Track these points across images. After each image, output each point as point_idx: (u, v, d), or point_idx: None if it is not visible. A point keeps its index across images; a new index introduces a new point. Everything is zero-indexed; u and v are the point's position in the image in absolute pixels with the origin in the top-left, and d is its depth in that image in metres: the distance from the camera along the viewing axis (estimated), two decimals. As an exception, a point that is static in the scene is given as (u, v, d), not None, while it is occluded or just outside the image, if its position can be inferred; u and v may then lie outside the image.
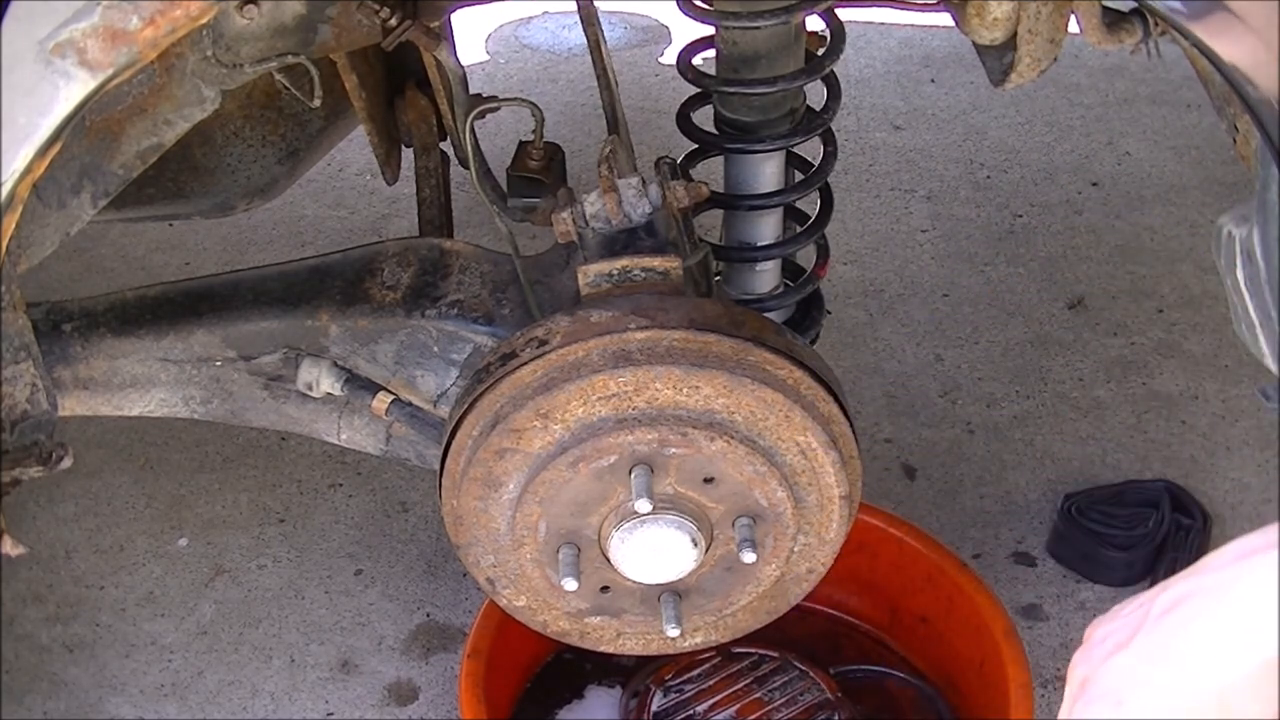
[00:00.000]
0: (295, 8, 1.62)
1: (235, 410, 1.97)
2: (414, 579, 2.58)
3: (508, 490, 1.66)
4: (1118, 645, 1.02)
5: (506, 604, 1.79)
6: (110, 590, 2.58)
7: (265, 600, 2.56)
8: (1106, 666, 1.01)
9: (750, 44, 1.86)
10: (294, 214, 3.37)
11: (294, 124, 2.13)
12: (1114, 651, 1.01)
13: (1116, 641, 1.02)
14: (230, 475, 2.78)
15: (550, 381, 1.62)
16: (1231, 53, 1.41)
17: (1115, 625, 1.03)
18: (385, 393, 1.89)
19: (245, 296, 1.92)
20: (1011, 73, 1.74)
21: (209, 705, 2.40)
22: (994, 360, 2.96)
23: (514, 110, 2.29)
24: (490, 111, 1.87)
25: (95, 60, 1.37)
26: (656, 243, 1.74)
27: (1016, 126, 3.60)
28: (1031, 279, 3.15)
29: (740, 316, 1.68)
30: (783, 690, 2.25)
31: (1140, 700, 0.98)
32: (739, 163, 1.97)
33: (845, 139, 2.72)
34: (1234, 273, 1.54)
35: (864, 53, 3.89)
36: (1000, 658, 2.14)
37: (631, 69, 3.82)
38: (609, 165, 1.80)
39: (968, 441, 2.78)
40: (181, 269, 3.20)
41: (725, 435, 1.60)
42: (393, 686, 2.42)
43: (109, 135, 1.55)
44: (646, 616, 1.77)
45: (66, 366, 1.91)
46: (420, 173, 2.29)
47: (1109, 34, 1.66)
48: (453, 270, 1.91)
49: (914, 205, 3.38)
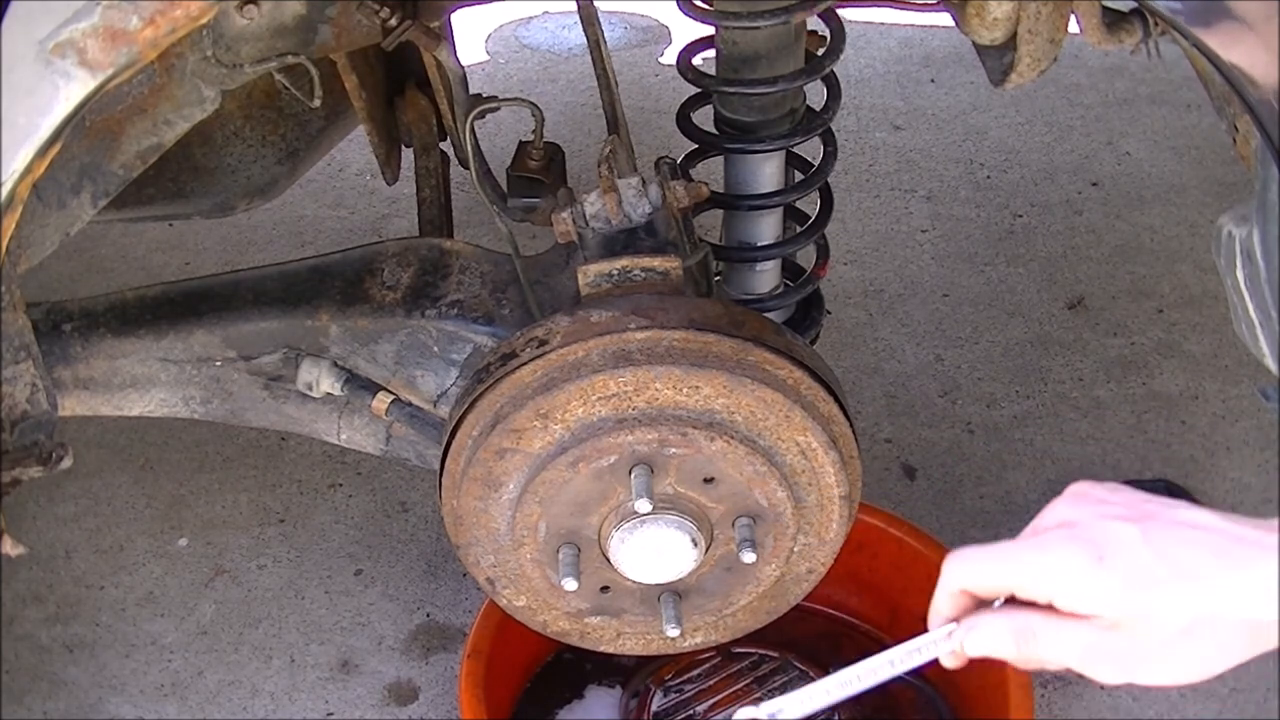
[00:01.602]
0: (295, 8, 1.62)
1: (235, 410, 1.97)
2: (414, 579, 2.58)
3: (508, 490, 1.66)
4: (1120, 516, 1.02)
5: (506, 604, 1.79)
6: (110, 590, 2.58)
7: (265, 600, 2.56)
8: (1103, 525, 1.02)
9: (750, 44, 1.85)
10: (294, 214, 3.37)
11: (294, 124, 2.13)
12: (1116, 519, 1.02)
13: (1118, 514, 1.03)
14: (230, 475, 2.78)
15: (550, 381, 1.62)
16: (1231, 52, 1.41)
17: (1115, 499, 1.04)
18: (385, 393, 1.89)
19: (245, 296, 1.92)
20: (1011, 73, 1.74)
21: (209, 705, 2.40)
22: (994, 360, 2.96)
23: (514, 110, 2.29)
24: (490, 111, 1.87)
25: (95, 60, 1.37)
26: (656, 243, 1.74)
27: (1016, 126, 3.60)
28: (1031, 279, 3.15)
29: (740, 316, 1.68)
30: (783, 690, 2.25)
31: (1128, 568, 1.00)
32: (739, 163, 1.97)
33: (845, 139, 2.72)
34: (1234, 273, 1.54)
35: (864, 53, 3.89)
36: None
37: (631, 69, 3.81)
38: (609, 165, 1.80)
39: (968, 441, 2.78)
40: (181, 269, 3.20)
41: (725, 435, 1.60)
42: (393, 686, 2.42)
43: (109, 135, 1.55)
44: (646, 616, 1.77)
45: (66, 366, 1.91)
46: (420, 173, 2.29)
47: (1109, 34, 1.67)
48: (453, 270, 1.91)
49: (914, 205, 3.38)
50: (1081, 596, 1.01)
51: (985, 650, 1.07)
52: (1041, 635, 1.04)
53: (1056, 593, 1.02)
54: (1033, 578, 1.03)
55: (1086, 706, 2.35)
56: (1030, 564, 1.04)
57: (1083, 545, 1.02)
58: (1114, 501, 1.05)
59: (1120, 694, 2.36)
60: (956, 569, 1.08)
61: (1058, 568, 1.02)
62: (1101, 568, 1.00)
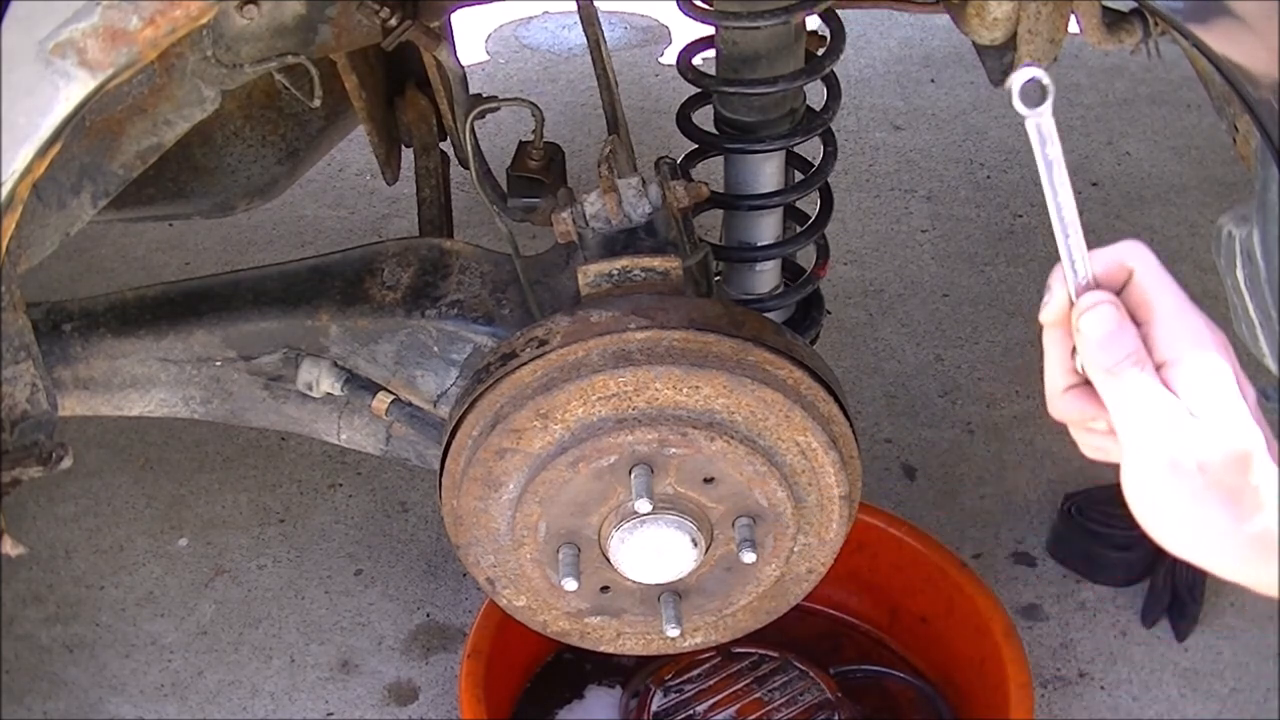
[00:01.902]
0: (295, 8, 1.62)
1: (235, 410, 1.97)
2: (414, 579, 2.58)
3: (508, 490, 1.66)
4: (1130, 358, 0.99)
5: (506, 604, 1.79)
6: (110, 590, 2.58)
7: (265, 600, 2.56)
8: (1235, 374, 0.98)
9: (750, 44, 1.85)
10: (294, 214, 3.37)
11: (294, 124, 2.13)
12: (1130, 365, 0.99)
13: (1128, 353, 0.99)
14: (230, 475, 2.78)
15: (550, 381, 1.62)
16: (1231, 52, 1.41)
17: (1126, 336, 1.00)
18: (385, 393, 1.89)
19: (245, 296, 1.92)
20: (1011, 73, 1.73)
21: (209, 705, 2.40)
22: (994, 360, 2.96)
23: (514, 110, 2.30)
24: (490, 111, 1.87)
25: (95, 60, 1.37)
26: (656, 243, 1.74)
27: (1016, 126, 3.55)
28: (1031, 279, 3.15)
29: (740, 316, 1.68)
30: (783, 690, 2.25)
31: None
32: (739, 163, 1.97)
33: (845, 139, 2.72)
34: (1234, 273, 1.54)
35: (864, 53, 3.89)
36: (1000, 658, 2.14)
37: (631, 69, 3.81)
38: (609, 165, 1.79)
39: (968, 441, 2.78)
40: (181, 269, 3.20)
41: (725, 435, 1.60)
42: (393, 686, 2.42)
43: (109, 135, 1.55)
44: (646, 616, 1.77)
45: (66, 366, 1.91)
46: (420, 173, 2.29)
47: (1109, 34, 1.67)
48: (453, 270, 1.91)
49: (914, 205, 3.38)
50: (1200, 384, 0.97)
51: (1097, 333, 1.00)
52: (1146, 379, 0.98)
53: (1185, 360, 0.97)
54: (1183, 329, 0.99)
55: (1086, 706, 2.35)
56: (1190, 326, 0.99)
57: (1216, 351, 0.98)
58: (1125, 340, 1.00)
59: (1120, 694, 2.36)
60: (1142, 252, 1.03)
61: (1201, 350, 0.98)
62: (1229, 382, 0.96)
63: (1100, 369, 1.00)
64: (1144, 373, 0.98)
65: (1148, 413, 0.98)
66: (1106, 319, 1.01)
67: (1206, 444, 0.97)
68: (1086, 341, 1.01)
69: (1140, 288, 1.02)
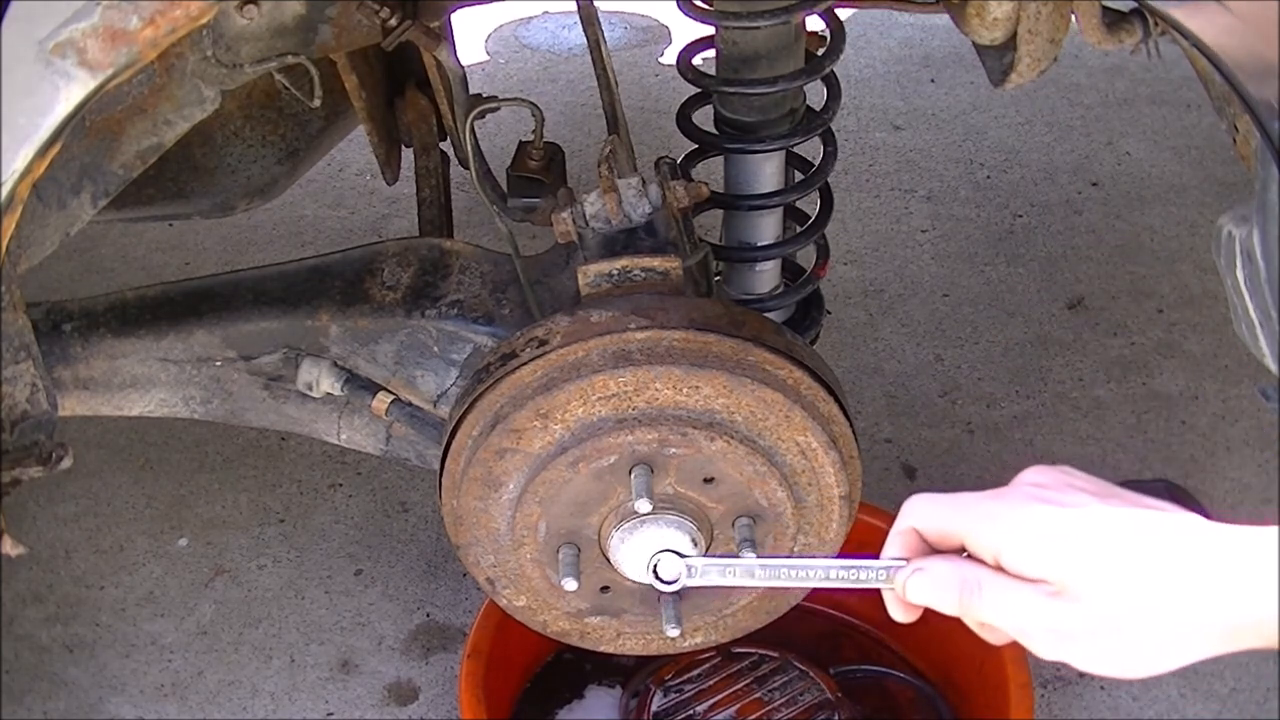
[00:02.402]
0: (295, 8, 1.62)
1: (235, 410, 1.97)
2: (414, 579, 2.58)
3: (508, 490, 1.66)
4: (1089, 491, 1.02)
5: (506, 604, 1.79)
6: (110, 590, 2.58)
7: (265, 600, 2.56)
8: (1068, 494, 1.01)
9: (750, 44, 1.86)
10: (294, 214, 3.37)
11: (294, 124, 2.13)
12: (1083, 492, 1.02)
13: (1088, 489, 1.02)
14: (230, 475, 2.78)
15: (550, 381, 1.62)
16: (1231, 52, 1.41)
17: (1092, 481, 1.03)
18: (385, 393, 1.89)
19: (245, 296, 1.92)
20: (1011, 73, 1.74)
21: (209, 705, 2.40)
22: (994, 360, 2.96)
23: (514, 110, 2.29)
24: (490, 111, 1.87)
25: (95, 60, 1.37)
26: (656, 243, 1.74)
27: (1016, 126, 3.60)
28: (1031, 279, 3.15)
29: (740, 316, 1.68)
30: (783, 690, 2.25)
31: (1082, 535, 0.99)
32: (739, 163, 1.97)
33: (845, 139, 2.72)
34: (1234, 273, 1.54)
35: (864, 53, 3.89)
36: (1000, 658, 2.14)
37: (631, 69, 3.82)
38: (609, 165, 1.80)
39: (968, 441, 2.78)
40: (181, 269, 3.20)
41: (725, 435, 1.60)
42: (393, 686, 2.42)
43: (109, 135, 1.55)
44: (646, 616, 1.77)
45: (66, 366, 1.91)
46: (420, 173, 2.29)
47: (1109, 34, 1.66)
48: (453, 270, 1.91)
49: (914, 205, 3.38)
50: (1030, 554, 0.99)
51: (927, 596, 1.05)
52: (986, 590, 1.01)
53: (1005, 546, 1.00)
54: (986, 527, 1.02)
55: (1086, 706, 2.35)
56: (985, 512, 1.02)
57: (1040, 504, 1.00)
58: (1088, 482, 1.03)
59: (1120, 694, 2.36)
60: (913, 507, 1.07)
61: (1011, 520, 1.00)
62: (1054, 529, 0.99)
63: (954, 612, 1.05)
64: (982, 590, 1.02)
65: (1010, 616, 1.02)
66: (919, 580, 1.06)
67: (1070, 612, 0.99)
68: (925, 602, 1.07)
69: (935, 529, 1.06)
